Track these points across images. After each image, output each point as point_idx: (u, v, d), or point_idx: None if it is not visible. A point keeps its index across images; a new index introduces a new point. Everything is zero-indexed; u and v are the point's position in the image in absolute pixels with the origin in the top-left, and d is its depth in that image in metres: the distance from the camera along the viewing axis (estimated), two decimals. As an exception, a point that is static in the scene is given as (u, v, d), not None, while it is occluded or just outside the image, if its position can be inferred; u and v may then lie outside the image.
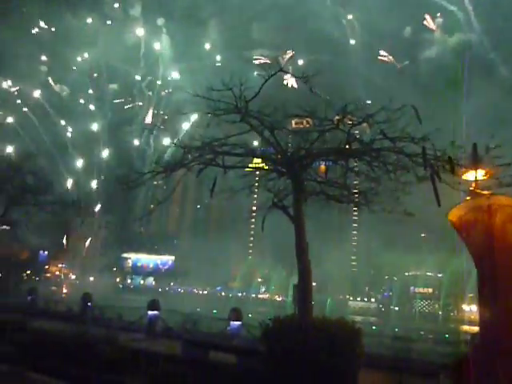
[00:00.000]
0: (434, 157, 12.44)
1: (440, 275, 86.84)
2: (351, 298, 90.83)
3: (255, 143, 16.01)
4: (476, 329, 11.28)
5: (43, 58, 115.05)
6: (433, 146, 12.41)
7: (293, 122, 30.73)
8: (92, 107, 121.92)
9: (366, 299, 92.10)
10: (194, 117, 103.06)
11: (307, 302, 13.46)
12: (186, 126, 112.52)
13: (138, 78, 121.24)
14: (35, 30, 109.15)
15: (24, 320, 18.08)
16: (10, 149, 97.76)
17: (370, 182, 14.78)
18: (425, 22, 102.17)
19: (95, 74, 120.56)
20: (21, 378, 9.89)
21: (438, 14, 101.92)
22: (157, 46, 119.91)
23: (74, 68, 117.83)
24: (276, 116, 15.00)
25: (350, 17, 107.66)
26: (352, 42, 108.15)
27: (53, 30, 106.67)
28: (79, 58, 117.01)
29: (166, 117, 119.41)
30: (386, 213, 14.89)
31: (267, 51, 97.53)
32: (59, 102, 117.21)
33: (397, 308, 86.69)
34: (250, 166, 17.66)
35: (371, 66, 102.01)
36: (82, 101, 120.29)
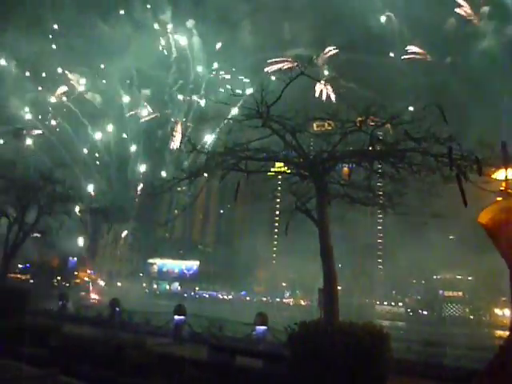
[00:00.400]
0: (461, 157, 12.15)
1: (470, 278, 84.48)
2: (378, 302, 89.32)
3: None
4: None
5: (75, 66, 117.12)
6: (459, 145, 12.12)
7: (314, 124, 30.61)
8: (125, 114, 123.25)
9: (393, 303, 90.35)
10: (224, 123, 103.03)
11: (333, 305, 13.32)
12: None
13: (169, 82, 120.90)
14: (67, 39, 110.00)
15: (56, 324, 18.57)
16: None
17: (395, 184, 14.54)
18: (458, 10, 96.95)
19: (127, 81, 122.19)
20: (53, 381, 10.15)
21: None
22: (188, 49, 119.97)
23: (107, 75, 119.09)
24: (297, 119, 14.98)
25: (386, 15, 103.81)
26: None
27: (85, 37, 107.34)
28: (111, 66, 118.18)
29: (189, 124, 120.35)
30: (412, 215, 14.62)
31: (302, 51, 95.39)
32: (92, 110, 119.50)
33: (425, 312, 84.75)
34: (273, 170, 17.68)
35: (412, 62, 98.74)
36: (114, 108, 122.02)
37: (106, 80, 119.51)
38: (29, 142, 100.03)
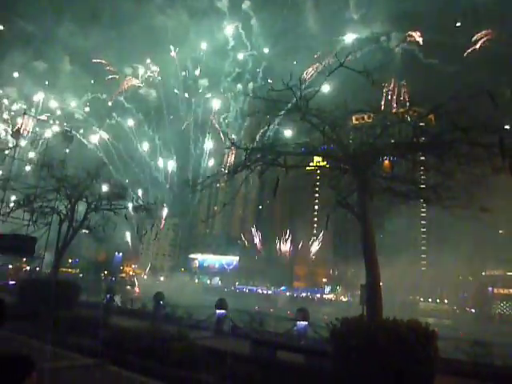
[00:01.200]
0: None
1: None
2: (422, 299, 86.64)
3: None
4: None
5: (129, 61, 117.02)
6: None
7: (353, 117, 29.89)
8: (181, 110, 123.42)
9: (438, 300, 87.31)
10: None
11: (376, 302, 13.05)
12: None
13: (225, 71, 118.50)
14: (121, 32, 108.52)
15: (104, 317, 19.43)
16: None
17: (440, 177, 13.98)
18: None
19: (183, 73, 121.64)
20: (103, 370, 10.61)
21: None
22: (244, 36, 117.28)
23: (163, 68, 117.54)
24: (337, 113, 14.71)
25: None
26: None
27: (140, 30, 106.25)
28: (167, 59, 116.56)
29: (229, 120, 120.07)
30: (459, 209, 14.00)
31: (370, 32, 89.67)
32: (147, 106, 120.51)
33: (473, 310, 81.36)
34: (312, 164, 17.50)
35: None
36: (170, 104, 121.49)
37: (161, 74, 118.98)
38: (83, 140, 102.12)
